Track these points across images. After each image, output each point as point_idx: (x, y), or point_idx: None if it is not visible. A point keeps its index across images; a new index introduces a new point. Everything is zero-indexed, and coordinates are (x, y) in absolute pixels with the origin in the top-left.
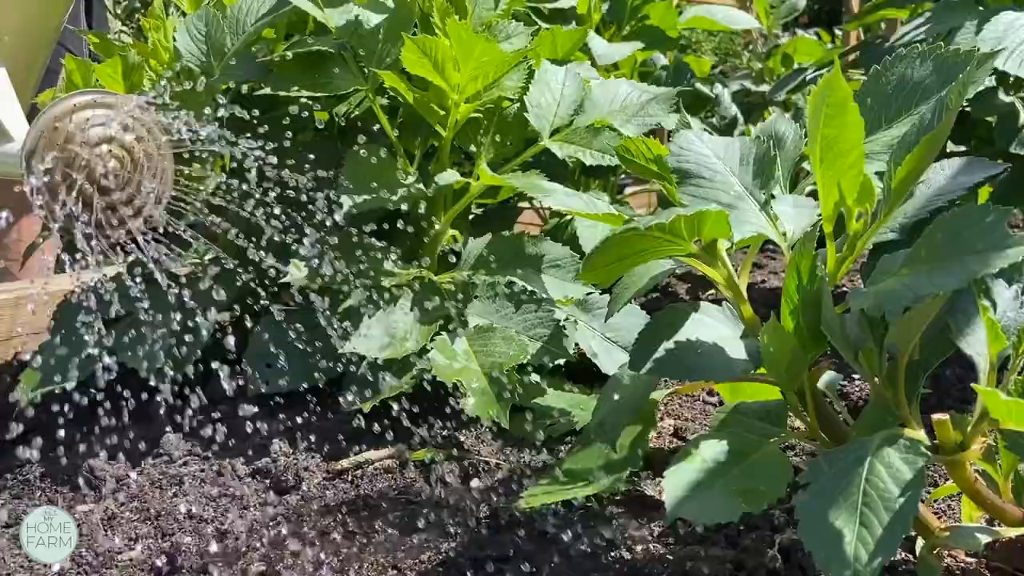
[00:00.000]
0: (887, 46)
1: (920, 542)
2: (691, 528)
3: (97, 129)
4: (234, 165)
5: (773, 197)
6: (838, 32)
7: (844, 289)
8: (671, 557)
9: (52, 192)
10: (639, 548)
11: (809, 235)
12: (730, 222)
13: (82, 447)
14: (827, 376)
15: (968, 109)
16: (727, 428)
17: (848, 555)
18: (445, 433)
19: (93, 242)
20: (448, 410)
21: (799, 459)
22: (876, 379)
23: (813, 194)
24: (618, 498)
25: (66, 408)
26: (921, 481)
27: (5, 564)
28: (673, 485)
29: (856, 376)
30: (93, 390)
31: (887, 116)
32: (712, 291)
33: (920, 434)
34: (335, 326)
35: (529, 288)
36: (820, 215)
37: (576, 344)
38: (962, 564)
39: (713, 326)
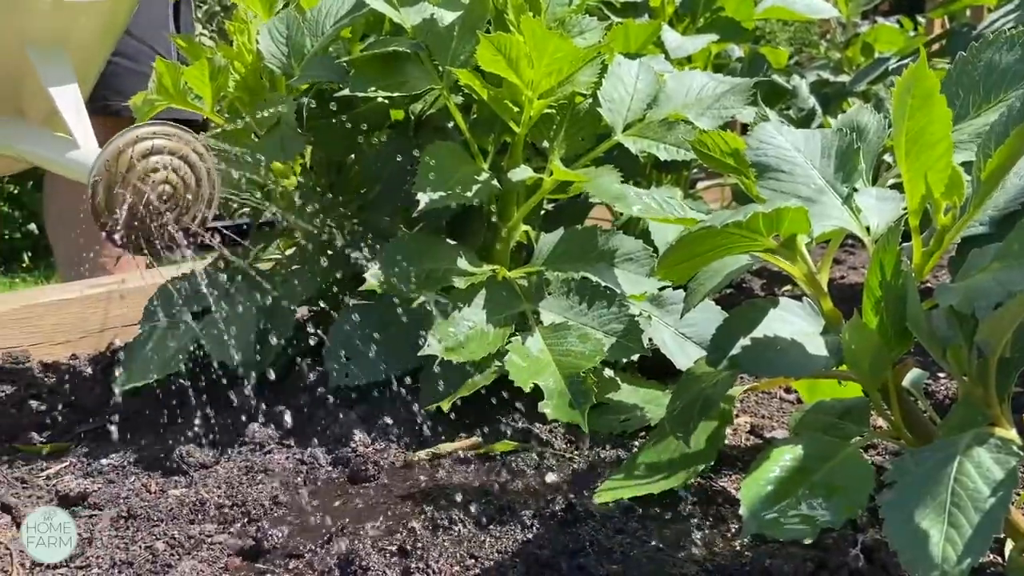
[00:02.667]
0: (974, 34)
1: (1009, 544)
2: None
3: (155, 158)
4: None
5: (856, 190)
6: (921, 20)
7: (929, 285)
8: (749, 554)
9: (111, 211)
10: (716, 544)
11: (893, 229)
12: (811, 217)
13: (173, 435)
14: (912, 374)
15: None
16: (806, 428)
17: (935, 556)
18: (520, 426)
19: (145, 249)
20: (524, 403)
21: (881, 458)
22: (965, 377)
23: (896, 186)
24: (694, 494)
25: (157, 398)
26: (1013, 481)
27: (104, 545)
28: (750, 498)
29: (941, 374)
30: (182, 380)
31: (974, 104)
32: (788, 287)
33: (1012, 433)
34: (411, 323)
35: (603, 283)
36: (905, 208)
37: (649, 339)
38: None
39: (792, 322)
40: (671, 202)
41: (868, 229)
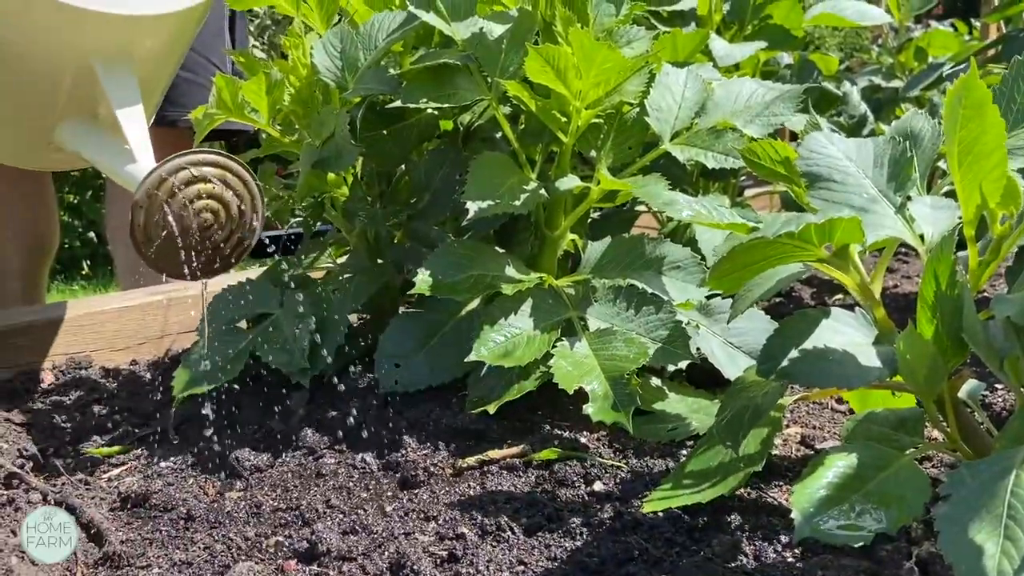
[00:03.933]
0: None
1: None
2: None
3: (196, 187)
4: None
5: (909, 199)
6: (975, 24)
7: (986, 295)
8: (801, 565)
9: (149, 237)
10: (767, 555)
11: (948, 238)
12: (863, 226)
13: (229, 439)
14: (969, 385)
15: None
16: (859, 439)
17: (991, 569)
18: (567, 434)
19: (183, 272)
20: (570, 410)
21: (937, 471)
22: (1023, 389)
23: (951, 193)
24: (743, 503)
25: (213, 403)
26: None
27: (164, 546)
28: (802, 502)
29: (999, 385)
30: (237, 386)
31: None
32: (840, 296)
33: None
34: (459, 331)
35: (650, 291)
36: (960, 217)
37: (698, 349)
38: None
39: (844, 332)
40: (721, 209)
41: (922, 238)
